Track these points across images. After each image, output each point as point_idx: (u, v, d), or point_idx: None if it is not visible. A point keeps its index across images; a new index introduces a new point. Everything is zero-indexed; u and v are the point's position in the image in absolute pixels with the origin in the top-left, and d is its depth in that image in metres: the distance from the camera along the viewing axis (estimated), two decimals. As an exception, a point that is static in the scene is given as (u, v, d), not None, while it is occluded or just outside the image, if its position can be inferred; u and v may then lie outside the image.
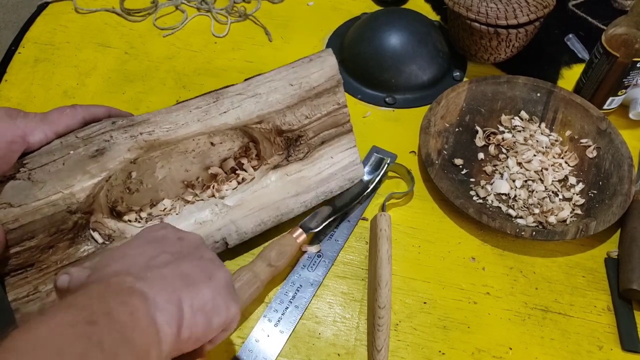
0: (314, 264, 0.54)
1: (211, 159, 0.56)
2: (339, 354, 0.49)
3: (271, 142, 0.55)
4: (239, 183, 0.56)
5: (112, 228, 0.50)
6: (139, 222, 0.53)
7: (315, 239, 0.56)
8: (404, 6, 0.83)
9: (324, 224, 0.55)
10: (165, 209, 0.54)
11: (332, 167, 0.56)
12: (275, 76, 0.53)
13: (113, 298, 0.30)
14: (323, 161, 0.56)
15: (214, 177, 0.56)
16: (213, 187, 0.55)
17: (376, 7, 0.82)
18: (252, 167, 0.57)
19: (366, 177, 0.61)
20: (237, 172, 0.56)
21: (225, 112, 0.51)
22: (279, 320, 0.50)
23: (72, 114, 0.48)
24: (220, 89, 0.52)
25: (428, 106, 0.65)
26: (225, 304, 0.36)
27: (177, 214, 0.54)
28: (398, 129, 0.67)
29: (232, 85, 0.52)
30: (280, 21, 0.80)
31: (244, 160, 0.57)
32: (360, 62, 0.72)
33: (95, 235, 0.49)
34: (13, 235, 0.44)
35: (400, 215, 0.58)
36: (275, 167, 0.55)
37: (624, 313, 0.51)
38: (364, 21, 0.75)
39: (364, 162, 0.62)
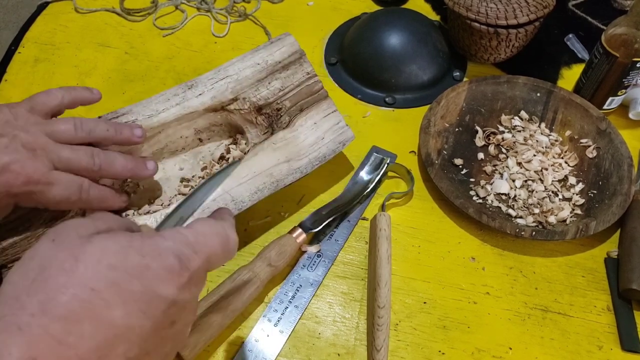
0: (313, 264, 0.54)
1: (202, 155, 0.58)
2: (338, 354, 0.49)
3: (254, 124, 0.57)
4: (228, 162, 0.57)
5: None
6: (138, 215, 0.53)
7: (315, 238, 0.56)
8: (404, 6, 0.83)
9: (323, 224, 0.55)
10: (162, 203, 0.55)
11: (318, 131, 0.56)
12: (242, 60, 0.58)
13: None
14: (307, 127, 0.56)
15: (204, 168, 0.57)
16: (204, 175, 0.56)
17: (376, 7, 0.82)
18: (241, 151, 0.57)
19: (366, 177, 0.61)
20: (226, 156, 0.58)
21: (200, 94, 0.56)
22: (278, 320, 0.50)
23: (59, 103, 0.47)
24: (190, 80, 0.57)
25: (428, 106, 0.65)
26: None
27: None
28: (398, 129, 0.67)
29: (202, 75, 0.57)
30: (280, 21, 0.80)
31: (233, 147, 0.58)
32: (360, 62, 0.72)
33: None
34: (11, 227, 0.45)
35: (400, 215, 0.58)
36: (262, 142, 0.56)
37: (624, 313, 0.51)
38: (364, 21, 0.75)
39: (364, 162, 0.62)
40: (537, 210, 0.57)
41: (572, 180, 0.61)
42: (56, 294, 0.25)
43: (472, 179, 0.61)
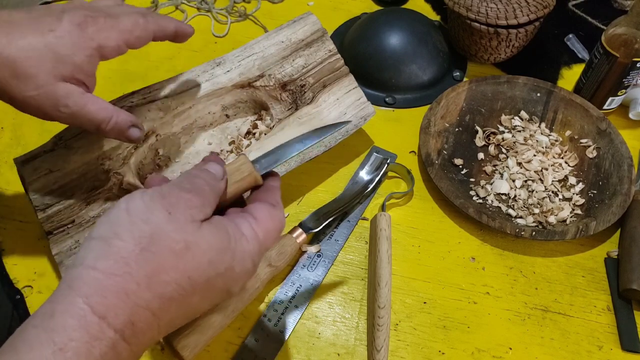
0: (313, 264, 0.54)
1: (230, 130, 0.60)
2: (338, 354, 0.49)
3: (279, 100, 0.59)
4: (257, 139, 0.59)
5: None
6: None
7: (315, 238, 0.56)
8: (404, 6, 0.83)
9: (323, 224, 0.55)
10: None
11: (340, 107, 0.59)
12: (266, 37, 0.61)
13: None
14: (329, 102, 0.59)
15: (233, 143, 0.59)
16: (232, 149, 0.59)
17: (376, 7, 0.82)
18: (266, 125, 0.59)
19: (366, 177, 0.61)
20: (252, 131, 0.59)
21: (228, 71, 0.58)
22: (278, 320, 0.50)
23: (145, 26, 0.45)
24: (219, 57, 0.59)
25: (428, 106, 0.65)
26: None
27: None
28: (398, 129, 0.67)
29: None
30: (280, 21, 0.80)
31: (259, 122, 0.60)
32: (360, 62, 0.72)
33: None
34: (54, 195, 0.48)
35: (400, 215, 0.58)
36: (287, 117, 0.57)
37: (624, 313, 0.51)
38: (364, 21, 0.75)
39: (364, 162, 0.62)
40: (537, 210, 0.57)
41: (572, 180, 0.61)
42: (161, 273, 0.29)
43: (472, 179, 0.61)
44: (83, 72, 0.41)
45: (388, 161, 0.61)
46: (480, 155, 0.63)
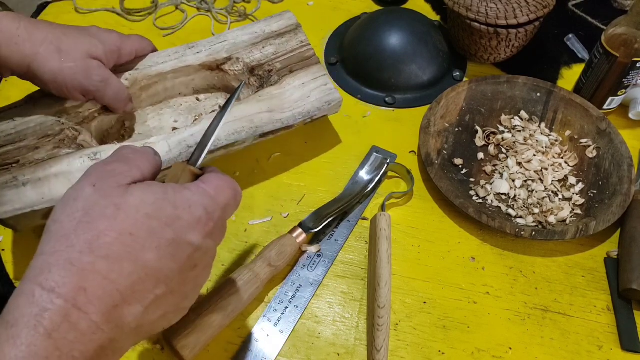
0: (313, 264, 0.54)
1: (198, 111, 0.62)
2: (338, 354, 0.49)
3: (247, 85, 0.61)
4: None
5: (95, 151, 0.54)
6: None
7: (315, 238, 0.56)
8: (404, 6, 0.83)
9: (323, 224, 0.55)
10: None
11: (304, 89, 0.59)
12: (241, 29, 0.62)
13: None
14: (294, 85, 0.59)
15: (196, 119, 0.61)
16: (194, 120, 0.60)
17: (376, 7, 0.82)
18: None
19: (366, 177, 0.61)
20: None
21: (198, 53, 0.60)
22: (278, 320, 0.50)
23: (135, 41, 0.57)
24: (193, 42, 0.61)
25: (428, 106, 0.65)
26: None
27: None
28: (398, 129, 0.67)
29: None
30: (280, 21, 0.80)
31: None
32: (360, 62, 0.72)
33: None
34: (9, 138, 0.51)
35: (400, 215, 0.58)
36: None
37: (624, 313, 0.51)
38: (364, 21, 0.75)
39: (364, 162, 0.62)
40: (537, 210, 0.57)
41: (572, 180, 0.61)
42: (100, 236, 0.30)
43: (472, 179, 0.61)
44: (106, 57, 0.53)
45: (388, 161, 0.61)
46: (480, 155, 0.63)
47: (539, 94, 0.67)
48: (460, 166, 0.62)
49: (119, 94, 0.54)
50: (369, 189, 0.59)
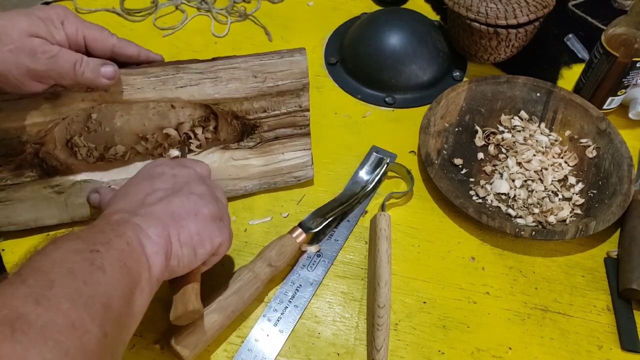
0: (313, 264, 0.54)
1: (169, 120, 0.56)
2: (338, 354, 0.49)
3: (228, 123, 0.57)
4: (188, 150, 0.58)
5: (60, 161, 0.53)
6: (90, 158, 0.55)
7: (314, 238, 0.56)
8: (404, 6, 0.83)
9: (323, 224, 0.55)
10: (116, 154, 0.56)
11: (280, 164, 0.58)
12: (241, 64, 0.53)
13: (112, 231, 0.37)
14: (272, 156, 0.58)
15: (167, 137, 0.57)
16: (164, 147, 0.57)
17: (376, 7, 0.82)
18: (206, 138, 0.58)
19: (366, 177, 0.61)
20: (189, 140, 0.58)
21: (181, 87, 0.52)
22: (278, 320, 0.50)
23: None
24: (184, 62, 0.52)
25: (428, 106, 0.65)
26: (209, 237, 0.42)
27: (125, 160, 0.57)
28: (398, 129, 0.67)
29: (196, 61, 0.52)
30: (280, 21, 0.80)
31: (199, 130, 0.57)
32: (360, 62, 0.72)
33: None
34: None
35: (400, 215, 0.58)
36: (225, 147, 0.57)
37: (624, 313, 0.51)
38: (364, 21, 0.75)
39: (364, 162, 0.62)
40: (536, 210, 0.57)
41: (571, 180, 0.61)
42: (147, 197, 0.42)
43: (472, 179, 0.61)
44: (50, 32, 0.46)
45: (388, 161, 0.61)
46: (480, 155, 0.63)
47: (538, 94, 0.67)
48: (460, 166, 0.62)
49: (83, 66, 0.46)
50: (368, 189, 0.59)
